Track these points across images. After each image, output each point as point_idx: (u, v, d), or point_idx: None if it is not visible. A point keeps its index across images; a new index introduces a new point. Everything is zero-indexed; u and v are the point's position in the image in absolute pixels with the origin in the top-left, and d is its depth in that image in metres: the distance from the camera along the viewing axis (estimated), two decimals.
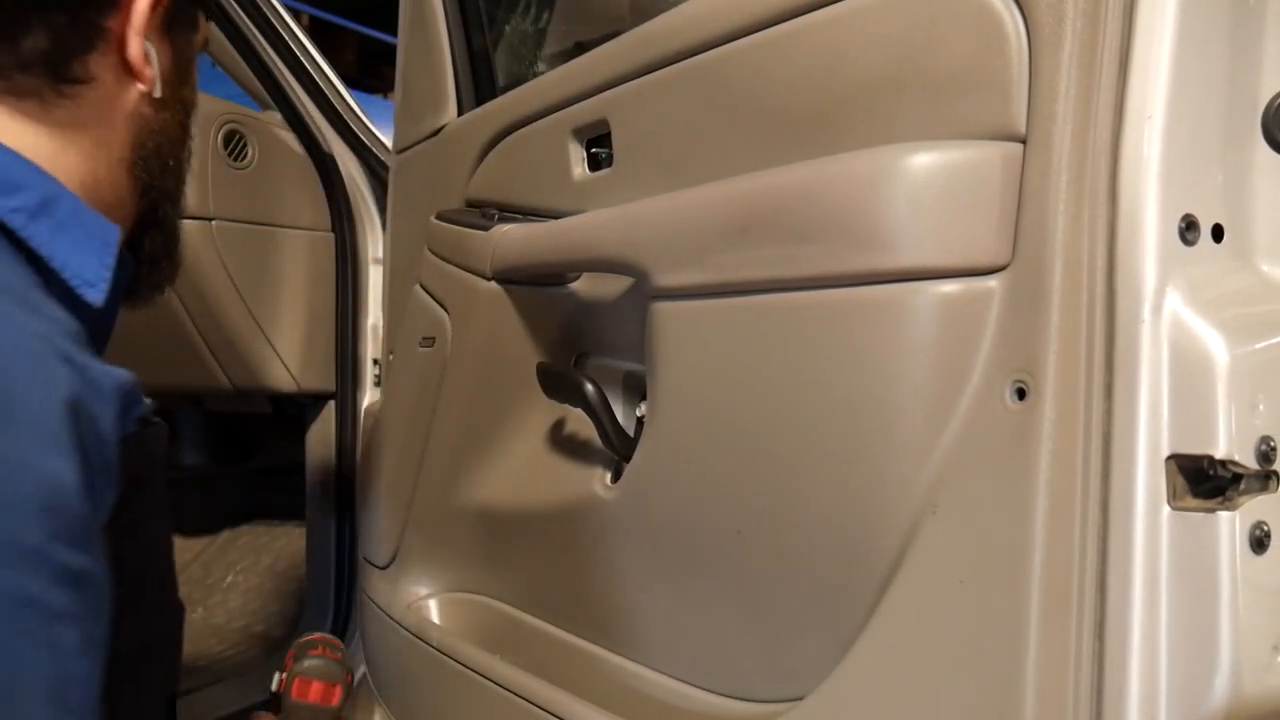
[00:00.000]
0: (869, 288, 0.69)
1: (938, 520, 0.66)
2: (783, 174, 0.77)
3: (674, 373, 0.86)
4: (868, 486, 0.71)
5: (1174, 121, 0.59)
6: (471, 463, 1.21)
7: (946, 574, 0.66)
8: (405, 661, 1.29)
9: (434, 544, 1.31)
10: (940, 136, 0.68)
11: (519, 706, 1.02)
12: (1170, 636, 0.57)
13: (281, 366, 1.82)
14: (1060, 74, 0.62)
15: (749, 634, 0.84)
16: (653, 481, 0.91)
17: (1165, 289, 0.58)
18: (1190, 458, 0.57)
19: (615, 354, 1.06)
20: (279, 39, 1.76)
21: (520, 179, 1.18)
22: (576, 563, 1.04)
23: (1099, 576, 0.59)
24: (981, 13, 0.66)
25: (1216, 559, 0.56)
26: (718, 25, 0.86)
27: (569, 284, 1.10)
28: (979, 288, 0.65)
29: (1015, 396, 0.63)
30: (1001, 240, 0.64)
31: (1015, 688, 0.61)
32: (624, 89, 0.98)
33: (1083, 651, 0.59)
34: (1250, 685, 0.57)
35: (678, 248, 0.84)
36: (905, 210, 0.67)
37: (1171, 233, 0.59)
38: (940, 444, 0.66)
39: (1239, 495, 0.57)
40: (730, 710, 0.86)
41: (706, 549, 0.86)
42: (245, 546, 2.26)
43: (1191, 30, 0.59)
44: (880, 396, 0.69)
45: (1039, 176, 0.63)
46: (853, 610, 0.72)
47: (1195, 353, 0.57)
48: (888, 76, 0.72)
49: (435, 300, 1.28)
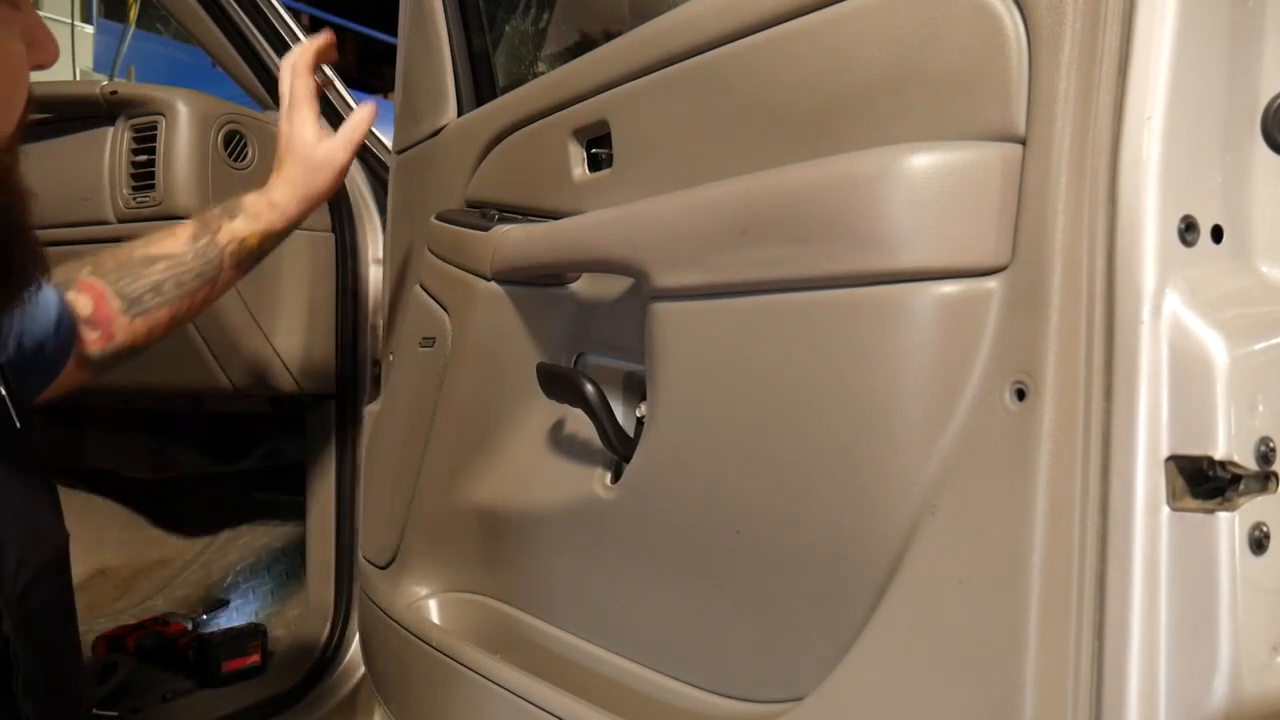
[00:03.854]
0: (868, 288, 0.69)
1: (937, 521, 0.66)
2: (782, 175, 0.77)
3: (674, 373, 0.86)
4: (867, 487, 0.71)
5: (1173, 123, 0.59)
6: (471, 463, 1.21)
7: (946, 574, 0.66)
8: (405, 661, 1.29)
9: (434, 544, 1.31)
10: (939, 137, 0.68)
11: (519, 707, 1.02)
12: (1170, 637, 0.57)
13: (281, 367, 1.82)
14: (1060, 75, 0.62)
15: (748, 634, 0.84)
16: (652, 482, 0.91)
17: (1165, 290, 0.58)
18: (1190, 459, 0.57)
19: (615, 354, 1.06)
20: (279, 39, 1.76)
21: (520, 179, 1.18)
22: (576, 563, 1.04)
23: (1098, 577, 0.59)
24: (981, 14, 0.66)
25: (1216, 560, 0.56)
26: (717, 26, 0.86)
27: (569, 284, 1.10)
28: (978, 288, 0.65)
29: (1015, 397, 0.63)
30: (1001, 241, 0.64)
31: (1014, 688, 0.61)
32: (624, 90, 0.99)
33: (1082, 652, 0.59)
34: (1250, 686, 0.57)
35: (677, 248, 0.84)
36: (904, 211, 0.67)
37: (1171, 234, 0.59)
38: (940, 445, 0.66)
39: (1238, 496, 0.57)
40: (729, 710, 0.86)
41: (706, 549, 0.86)
42: (245, 546, 2.27)
43: (1191, 32, 0.59)
44: (880, 397, 0.69)
45: (1038, 177, 0.63)
46: (852, 611, 0.72)
47: (1195, 354, 0.57)
48: (887, 77, 0.73)
49: (435, 300, 1.28)
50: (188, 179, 1.72)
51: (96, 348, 1.16)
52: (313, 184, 1.30)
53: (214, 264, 1.24)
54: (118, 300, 1.17)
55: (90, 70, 6.00)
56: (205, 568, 2.24)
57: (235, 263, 1.26)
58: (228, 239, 1.25)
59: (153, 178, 1.72)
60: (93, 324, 1.15)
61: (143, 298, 1.19)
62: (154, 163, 1.72)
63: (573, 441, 1.09)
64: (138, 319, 1.18)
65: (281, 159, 1.31)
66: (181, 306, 1.22)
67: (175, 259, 1.22)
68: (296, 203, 1.29)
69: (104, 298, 1.16)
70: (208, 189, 1.72)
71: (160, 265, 1.21)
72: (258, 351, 1.79)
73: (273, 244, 1.30)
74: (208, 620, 2.11)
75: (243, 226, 1.26)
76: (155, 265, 1.21)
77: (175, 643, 1.92)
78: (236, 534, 2.31)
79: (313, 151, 1.29)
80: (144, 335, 1.20)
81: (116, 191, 1.76)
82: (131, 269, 1.20)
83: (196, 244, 1.24)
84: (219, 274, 1.25)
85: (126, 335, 1.18)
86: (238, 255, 1.26)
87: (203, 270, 1.23)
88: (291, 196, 1.29)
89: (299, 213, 1.31)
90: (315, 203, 1.32)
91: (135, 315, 1.18)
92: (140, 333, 1.19)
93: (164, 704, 1.78)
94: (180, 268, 1.22)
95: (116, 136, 1.76)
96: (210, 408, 2.08)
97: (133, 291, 1.18)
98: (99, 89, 1.78)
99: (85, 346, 1.14)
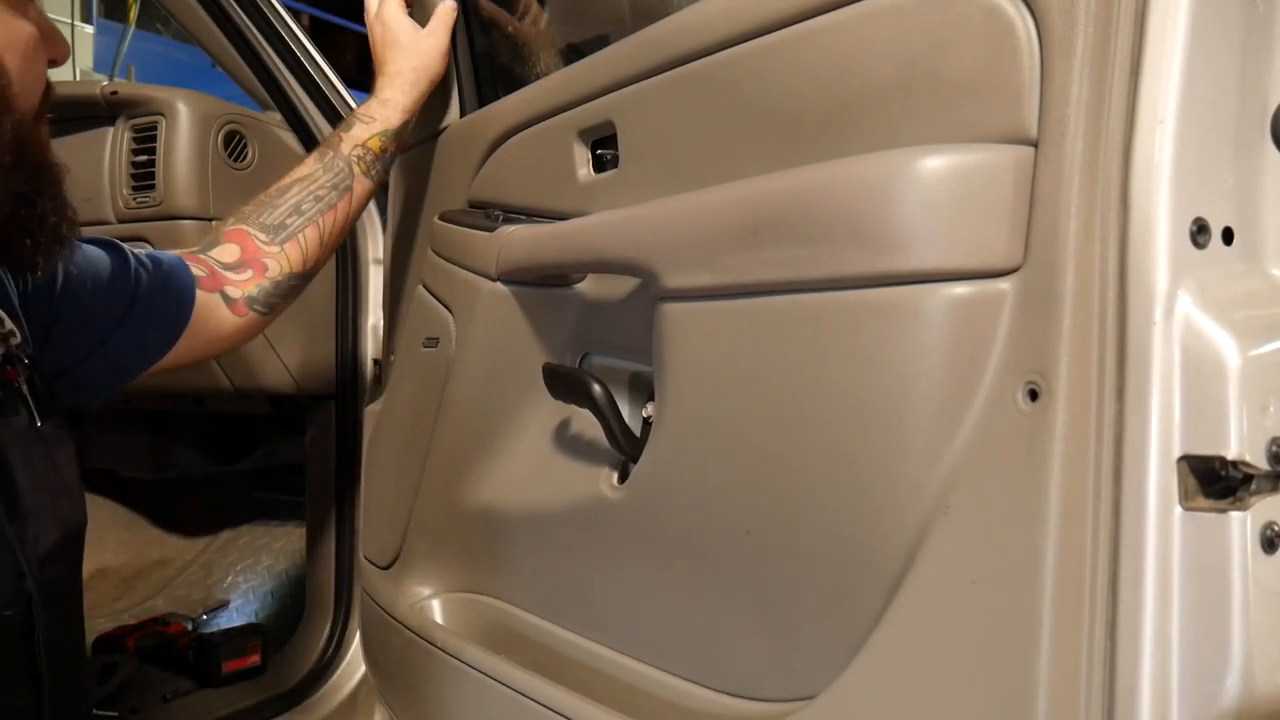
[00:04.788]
0: (880, 289, 0.69)
1: (949, 521, 0.67)
2: (793, 176, 0.77)
3: (683, 374, 0.87)
4: (879, 488, 0.71)
5: (1185, 126, 0.59)
6: (476, 462, 1.21)
7: (958, 575, 0.66)
8: (408, 662, 1.29)
9: (437, 544, 1.31)
10: (951, 140, 0.68)
11: (524, 706, 1.03)
12: (1182, 637, 0.57)
13: (281, 367, 1.82)
14: (1072, 78, 0.62)
15: (758, 634, 0.84)
16: (661, 482, 0.91)
17: (1177, 291, 0.58)
18: (1202, 459, 0.57)
19: (621, 355, 1.07)
20: (279, 39, 1.76)
21: (524, 180, 1.18)
22: (583, 563, 1.04)
23: (1111, 577, 0.59)
24: (992, 16, 0.67)
25: (1228, 559, 0.57)
26: (724, 28, 0.87)
27: (574, 285, 1.10)
28: (991, 290, 0.65)
29: (1027, 398, 0.63)
30: (1013, 243, 0.65)
31: (1027, 688, 0.62)
32: (629, 91, 0.99)
33: (1094, 651, 0.60)
34: (1262, 685, 0.57)
35: (687, 249, 0.84)
36: (917, 212, 0.67)
37: (1183, 236, 0.59)
38: (952, 446, 0.67)
39: (1250, 496, 0.57)
40: (739, 710, 0.86)
41: (715, 550, 0.86)
42: (245, 546, 2.26)
43: (1203, 35, 0.60)
44: (891, 398, 0.70)
45: (1051, 179, 0.63)
46: (863, 610, 0.72)
47: (1206, 355, 0.58)
48: (898, 80, 0.73)
49: (439, 301, 1.28)
50: (188, 179, 1.72)
51: (252, 285, 1.20)
52: (420, 69, 1.32)
53: (344, 174, 1.27)
54: (262, 234, 1.22)
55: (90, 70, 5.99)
56: (205, 568, 2.24)
57: (364, 169, 1.29)
58: (350, 147, 1.29)
59: (153, 178, 1.72)
60: (243, 266, 1.20)
61: (285, 223, 1.23)
62: (154, 163, 1.72)
63: (579, 442, 1.09)
64: (287, 244, 1.23)
65: (382, 58, 1.33)
66: (327, 222, 1.26)
67: (306, 179, 1.26)
68: (406, 93, 1.31)
69: (248, 237, 1.21)
70: (208, 189, 1.72)
71: (294, 190, 1.25)
72: (258, 351, 1.79)
73: (394, 142, 1.32)
74: (208, 620, 2.11)
75: (361, 132, 1.29)
76: (289, 192, 1.25)
77: (175, 643, 1.91)
78: (236, 534, 2.30)
79: (414, 40, 1.32)
80: (299, 258, 1.24)
81: (116, 191, 1.75)
82: (269, 203, 1.24)
83: (323, 160, 1.28)
84: (352, 182, 1.28)
85: (281, 263, 1.22)
86: (364, 161, 1.29)
87: (335, 182, 1.27)
88: (401, 88, 1.31)
89: (412, 103, 1.32)
90: (426, 89, 1.33)
91: (283, 241, 1.22)
92: (295, 257, 1.23)
93: (164, 704, 1.78)
94: (313, 184, 1.26)
95: (116, 136, 1.76)
96: (210, 408, 2.08)
97: (274, 221, 1.23)
98: (99, 89, 1.78)
99: (239, 289, 1.19)
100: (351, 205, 1.29)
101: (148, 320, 1.10)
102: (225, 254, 1.20)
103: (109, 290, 1.07)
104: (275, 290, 1.22)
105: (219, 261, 1.19)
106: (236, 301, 1.19)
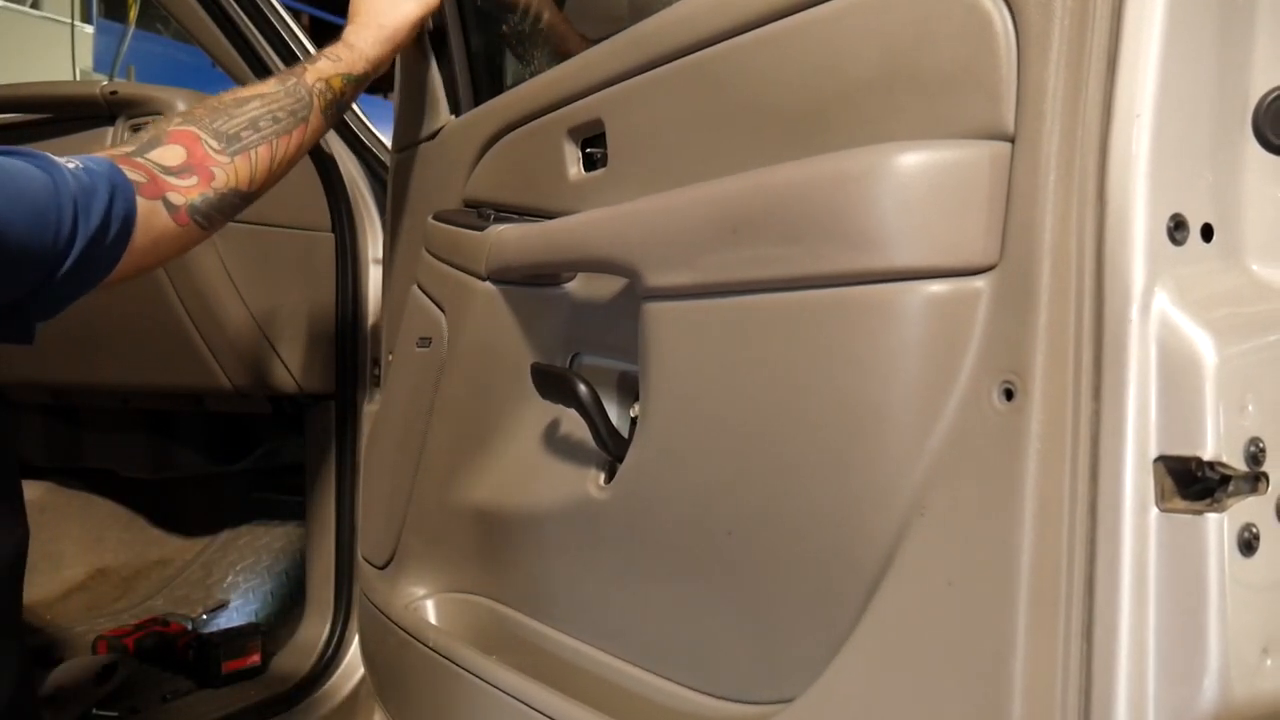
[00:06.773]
0: (857, 288, 0.68)
1: (926, 522, 0.66)
2: (772, 174, 0.76)
3: (665, 373, 0.86)
4: (857, 487, 0.70)
5: (1163, 120, 0.59)
6: (468, 463, 1.21)
7: (935, 575, 0.65)
8: (403, 662, 1.29)
9: (432, 544, 1.31)
10: (930, 135, 0.68)
11: (515, 708, 1.02)
12: (1158, 639, 0.57)
13: (281, 367, 1.82)
14: (1049, 73, 0.62)
15: (739, 635, 0.83)
16: (644, 483, 0.91)
17: (1154, 289, 0.58)
18: (1178, 459, 0.56)
19: (610, 354, 1.06)
20: (279, 39, 1.76)
21: (517, 179, 1.18)
22: (570, 563, 1.04)
23: (1087, 578, 0.59)
24: (971, 12, 0.66)
25: (1205, 561, 0.56)
26: (710, 24, 0.86)
27: (564, 284, 1.10)
28: (967, 288, 0.65)
29: (1003, 397, 0.62)
30: (989, 240, 0.64)
31: (1003, 689, 0.61)
32: (618, 89, 0.98)
33: (1070, 653, 0.59)
34: (1239, 688, 0.56)
35: (669, 248, 0.84)
36: (893, 210, 0.66)
37: (1160, 232, 0.58)
38: (928, 445, 0.66)
39: (1227, 497, 0.56)
40: (721, 711, 0.86)
41: (698, 549, 0.85)
42: (245, 546, 2.27)
43: (1180, 29, 0.59)
44: (868, 397, 0.69)
45: (1027, 175, 0.62)
46: (842, 612, 0.72)
47: (1184, 353, 0.57)
48: (878, 75, 0.72)
49: (432, 300, 1.28)
50: None
51: (196, 193, 1.12)
52: (389, 28, 1.31)
53: (305, 103, 1.24)
54: (214, 140, 1.15)
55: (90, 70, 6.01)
56: (205, 568, 2.24)
57: (322, 105, 1.26)
58: (314, 78, 1.25)
59: None
60: (188, 171, 1.12)
61: (240, 134, 1.17)
62: None
63: (568, 442, 1.09)
64: (238, 156, 1.16)
65: (355, 9, 1.32)
66: (280, 145, 1.21)
67: (267, 97, 1.22)
68: (372, 45, 1.30)
69: (197, 140, 1.14)
70: None
71: (254, 103, 1.20)
72: (258, 351, 1.79)
73: (353, 89, 1.30)
74: (208, 620, 2.11)
75: (326, 67, 1.27)
76: (248, 104, 1.20)
77: (175, 643, 1.92)
78: (236, 534, 2.31)
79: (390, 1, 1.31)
80: (247, 176, 1.17)
81: None
82: (224, 111, 1.18)
83: (285, 85, 1.24)
84: (310, 114, 1.24)
85: (228, 175, 1.15)
86: (324, 96, 1.26)
87: (295, 108, 1.23)
88: (367, 40, 1.30)
89: (378, 55, 1.31)
90: (390, 51, 1.32)
91: (235, 153, 1.16)
92: (243, 174, 1.17)
93: (164, 704, 1.78)
94: (274, 103, 1.21)
95: (116, 136, 1.76)
96: (210, 408, 2.08)
97: (229, 129, 1.16)
98: (99, 89, 1.78)
99: (182, 195, 1.11)
100: (305, 137, 1.24)
101: (86, 254, 0.99)
102: (168, 156, 1.11)
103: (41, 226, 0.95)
104: (219, 203, 1.14)
105: (159, 165, 1.10)
106: (179, 209, 1.10)
